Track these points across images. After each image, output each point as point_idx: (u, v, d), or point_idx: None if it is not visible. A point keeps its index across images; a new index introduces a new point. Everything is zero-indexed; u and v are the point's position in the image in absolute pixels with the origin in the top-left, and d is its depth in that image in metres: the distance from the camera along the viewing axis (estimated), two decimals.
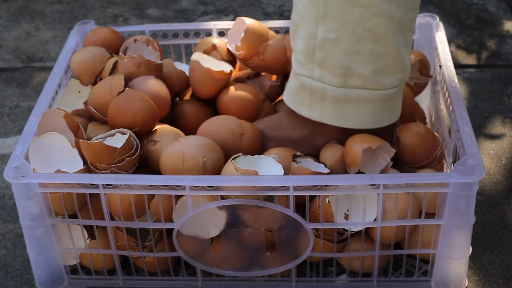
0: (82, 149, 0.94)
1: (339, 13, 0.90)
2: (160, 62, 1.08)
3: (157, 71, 1.07)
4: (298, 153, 0.98)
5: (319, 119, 0.97)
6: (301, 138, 1.01)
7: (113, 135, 0.98)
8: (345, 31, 0.91)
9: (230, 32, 1.15)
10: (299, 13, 0.94)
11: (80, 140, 0.95)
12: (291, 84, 1.00)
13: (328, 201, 0.92)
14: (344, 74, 0.93)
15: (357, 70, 0.92)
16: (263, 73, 1.17)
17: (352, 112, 0.95)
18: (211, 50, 1.15)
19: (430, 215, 0.94)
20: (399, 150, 1.00)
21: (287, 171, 0.95)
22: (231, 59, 1.16)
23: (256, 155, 0.96)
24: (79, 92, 1.12)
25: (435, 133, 1.02)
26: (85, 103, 1.07)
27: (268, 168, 0.95)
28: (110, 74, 1.10)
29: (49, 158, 0.96)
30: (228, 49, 1.15)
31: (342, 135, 0.99)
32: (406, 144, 1.00)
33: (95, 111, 1.03)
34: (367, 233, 0.96)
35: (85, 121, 1.04)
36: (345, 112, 0.95)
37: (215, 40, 1.17)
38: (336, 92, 0.94)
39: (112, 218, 0.96)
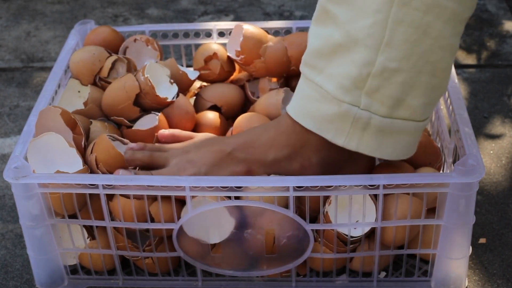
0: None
1: (405, 43, 0.84)
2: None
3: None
4: None
5: (355, 149, 0.90)
6: (276, 162, 0.95)
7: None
8: (407, 61, 0.85)
9: (229, 41, 1.14)
10: (351, 35, 0.86)
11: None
12: (323, 108, 0.89)
13: (330, 200, 0.92)
14: (393, 105, 0.87)
15: (409, 102, 0.87)
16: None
17: (391, 143, 0.90)
18: (211, 59, 1.15)
19: (430, 215, 0.94)
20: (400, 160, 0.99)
21: None
22: (230, 69, 1.16)
23: None
24: (79, 92, 1.12)
25: (436, 145, 1.02)
26: (85, 103, 1.07)
27: None
28: (109, 73, 1.10)
29: (48, 158, 0.96)
30: (228, 57, 1.15)
31: (323, 158, 0.94)
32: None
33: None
34: (368, 236, 0.96)
35: (86, 120, 1.04)
36: (384, 143, 0.89)
37: (215, 45, 1.17)
38: (380, 122, 0.88)
39: (112, 218, 0.96)
